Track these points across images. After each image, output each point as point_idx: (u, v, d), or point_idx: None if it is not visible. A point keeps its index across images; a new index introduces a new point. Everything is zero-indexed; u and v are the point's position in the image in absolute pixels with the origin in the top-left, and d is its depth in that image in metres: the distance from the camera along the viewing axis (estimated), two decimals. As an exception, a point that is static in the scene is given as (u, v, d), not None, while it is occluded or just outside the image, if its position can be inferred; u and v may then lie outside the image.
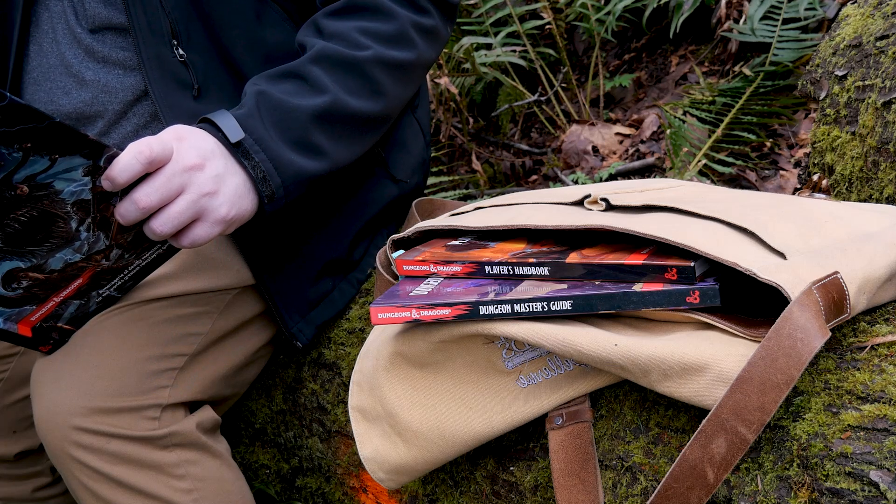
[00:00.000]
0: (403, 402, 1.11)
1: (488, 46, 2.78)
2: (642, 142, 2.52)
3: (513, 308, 1.01)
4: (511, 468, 1.15)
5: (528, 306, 1.01)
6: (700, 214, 1.04)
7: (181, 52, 1.29)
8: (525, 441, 1.14)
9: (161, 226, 1.07)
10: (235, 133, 1.13)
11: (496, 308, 1.02)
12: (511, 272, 1.07)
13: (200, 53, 1.30)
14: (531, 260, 1.05)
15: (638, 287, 0.98)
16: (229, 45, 1.30)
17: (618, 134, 2.57)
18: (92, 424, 1.20)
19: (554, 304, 1.00)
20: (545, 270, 1.05)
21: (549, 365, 1.06)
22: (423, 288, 1.09)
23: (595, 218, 1.06)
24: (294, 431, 1.51)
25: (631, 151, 2.53)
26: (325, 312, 1.40)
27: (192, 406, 1.32)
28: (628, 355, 0.95)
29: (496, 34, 2.78)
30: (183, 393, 1.28)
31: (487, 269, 1.08)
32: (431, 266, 1.11)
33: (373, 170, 1.46)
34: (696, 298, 0.95)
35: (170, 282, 1.29)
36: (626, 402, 1.06)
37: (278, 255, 1.35)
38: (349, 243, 1.42)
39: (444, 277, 1.11)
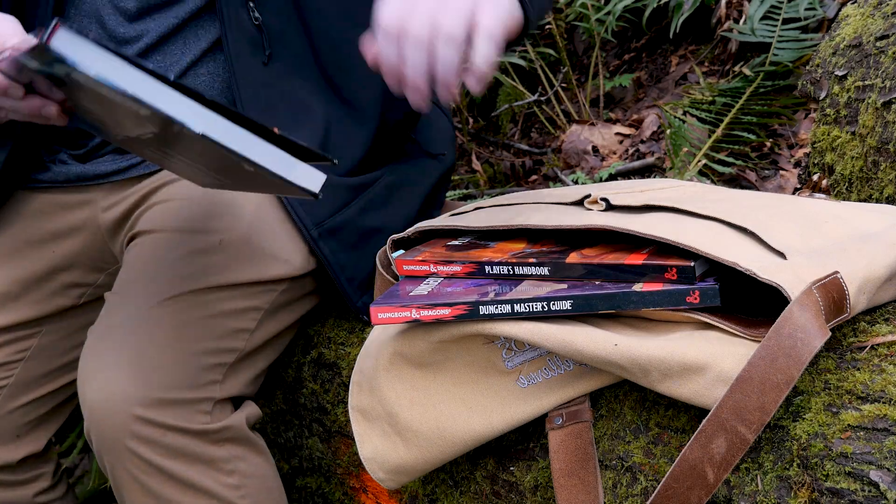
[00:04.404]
0: (403, 402, 1.11)
1: (488, 46, 2.78)
2: (642, 142, 2.52)
3: (513, 308, 1.01)
4: (511, 468, 1.15)
5: (528, 306, 1.01)
6: (700, 214, 1.04)
7: (257, 14, 1.29)
8: (525, 441, 1.14)
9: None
10: None
11: (496, 308, 1.02)
12: (511, 272, 1.07)
13: (277, 16, 1.31)
14: (531, 260, 1.05)
15: (638, 287, 0.98)
16: (307, 9, 1.32)
17: (618, 134, 2.57)
18: (152, 415, 1.18)
19: (554, 304, 1.00)
20: (545, 270, 1.05)
21: (549, 365, 1.06)
22: (423, 288, 1.09)
23: (595, 218, 1.06)
24: (294, 431, 1.51)
25: (631, 151, 2.53)
26: None
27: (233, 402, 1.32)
28: (628, 355, 0.95)
29: (496, 34, 2.78)
30: (231, 388, 1.27)
31: (487, 269, 1.08)
32: (431, 266, 1.11)
33: (410, 151, 1.48)
34: (696, 298, 0.95)
35: (222, 271, 1.28)
36: (626, 402, 1.06)
37: (346, 235, 1.35)
38: (412, 222, 1.42)
39: (444, 277, 1.11)
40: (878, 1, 1.48)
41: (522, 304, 1.01)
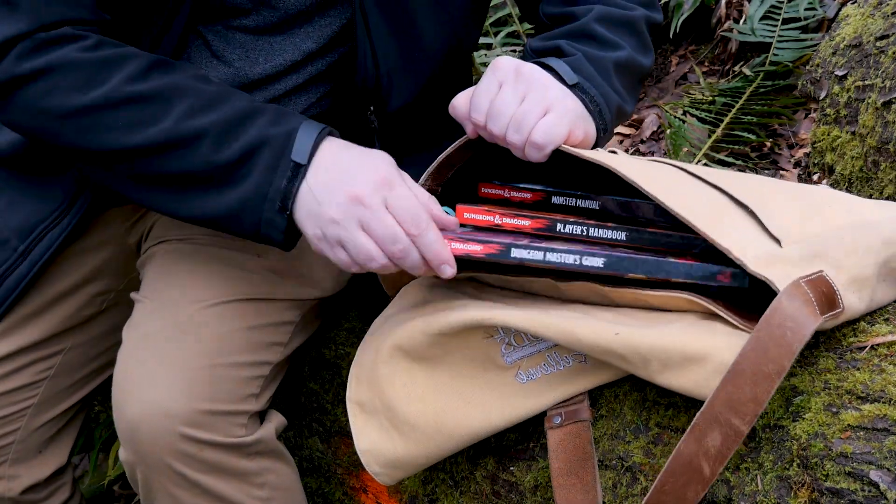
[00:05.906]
0: (401, 396, 1.11)
1: (488, 46, 2.78)
2: (642, 142, 2.52)
3: (544, 256, 1.00)
4: (511, 468, 1.15)
5: (561, 257, 1.00)
6: (707, 181, 1.03)
7: (373, 118, 1.31)
8: (525, 441, 1.13)
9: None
10: (571, 77, 1.16)
11: (528, 253, 1.00)
12: (585, 233, 1.05)
13: (393, 122, 1.32)
14: (610, 224, 1.04)
15: (672, 258, 0.98)
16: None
17: (618, 133, 2.57)
18: (195, 432, 1.16)
19: (586, 259, 0.99)
20: (622, 235, 1.03)
21: (549, 361, 1.06)
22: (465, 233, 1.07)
23: (602, 157, 1.03)
24: (294, 431, 1.51)
25: (631, 151, 2.53)
26: None
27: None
28: (629, 344, 0.95)
29: (496, 34, 2.78)
30: (263, 401, 1.27)
31: (559, 226, 1.06)
32: (497, 217, 1.08)
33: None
34: (727, 278, 0.96)
35: (260, 286, 1.29)
36: (626, 401, 1.06)
37: None
38: None
39: (508, 231, 1.07)
40: (878, 1, 1.48)
41: (555, 254, 1.00)
